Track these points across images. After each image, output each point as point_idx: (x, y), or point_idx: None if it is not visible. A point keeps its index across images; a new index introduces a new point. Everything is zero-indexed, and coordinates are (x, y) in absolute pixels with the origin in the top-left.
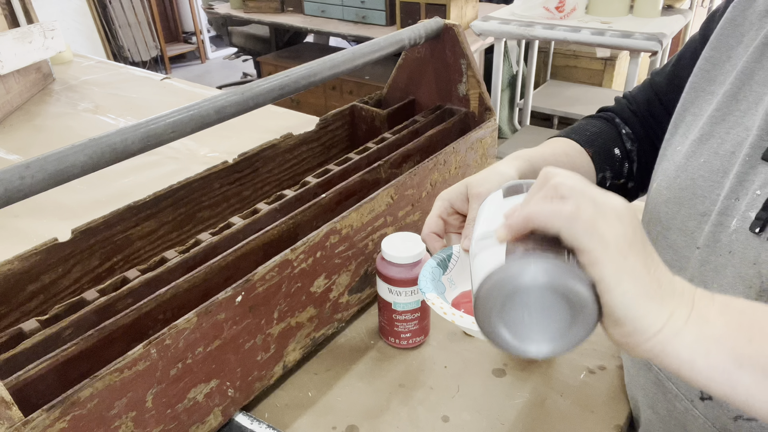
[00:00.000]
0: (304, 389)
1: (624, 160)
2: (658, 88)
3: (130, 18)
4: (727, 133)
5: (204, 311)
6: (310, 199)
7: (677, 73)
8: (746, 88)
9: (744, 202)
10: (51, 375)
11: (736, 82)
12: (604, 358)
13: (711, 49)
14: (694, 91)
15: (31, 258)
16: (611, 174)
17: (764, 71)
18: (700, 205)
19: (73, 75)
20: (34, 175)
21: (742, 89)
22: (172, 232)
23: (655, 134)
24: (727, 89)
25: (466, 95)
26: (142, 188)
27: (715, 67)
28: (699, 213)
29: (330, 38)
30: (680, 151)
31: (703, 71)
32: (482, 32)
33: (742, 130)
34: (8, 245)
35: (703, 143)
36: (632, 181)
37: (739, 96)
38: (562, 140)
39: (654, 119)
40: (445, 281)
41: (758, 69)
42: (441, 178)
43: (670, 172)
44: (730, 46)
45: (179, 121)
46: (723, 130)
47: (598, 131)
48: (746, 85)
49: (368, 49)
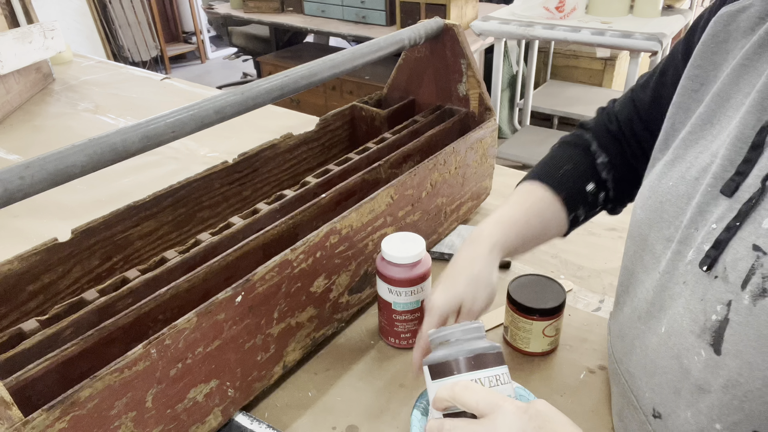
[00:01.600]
0: (303, 389)
1: (599, 191)
2: (640, 105)
3: (130, 18)
4: (696, 158)
5: (204, 311)
6: (310, 199)
7: (659, 91)
8: (720, 111)
9: (701, 233)
10: (51, 375)
11: (711, 104)
12: (604, 358)
13: (695, 67)
14: (683, 111)
15: (31, 258)
16: (584, 209)
17: (741, 95)
18: (665, 229)
19: (73, 75)
20: (34, 175)
21: (716, 112)
22: (172, 232)
23: (634, 154)
24: (701, 111)
25: (466, 95)
26: (142, 188)
27: (702, 86)
28: (665, 237)
29: (330, 38)
30: (655, 170)
31: (689, 90)
32: (482, 32)
33: (709, 156)
34: (8, 245)
35: (674, 166)
36: (610, 203)
37: (713, 119)
38: (533, 191)
39: (634, 138)
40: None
41: (735, 92)
42: (441, 178)
43: (645, 192)
44: (715, 64)
45: (179, 121)
46: (692, 155)
47: (571, 168)
48: (721, 108)
49: (368, 49)
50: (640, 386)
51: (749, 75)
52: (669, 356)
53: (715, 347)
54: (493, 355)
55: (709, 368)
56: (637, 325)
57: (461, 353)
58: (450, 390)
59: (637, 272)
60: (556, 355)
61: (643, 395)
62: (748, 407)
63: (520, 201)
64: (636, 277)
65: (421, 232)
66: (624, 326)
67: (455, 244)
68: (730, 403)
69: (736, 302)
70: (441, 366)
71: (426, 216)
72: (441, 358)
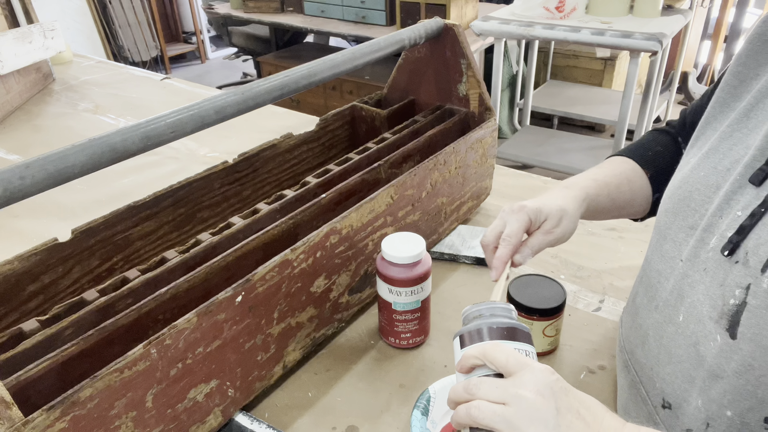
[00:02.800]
0: (304, 389)
1: None
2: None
3: (130, 18)
4: (730, 149)
5: (204, 311)
6: (310, 199)
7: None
8: (759, 105)
9: (726, 221)
10: (51, 375)
11: (751, 100)
12: (604, 358)
13: (738, 65)
14: (719, 105)
15: (31, 258)
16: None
17: None
18: (690, 218)
19: (73, 75)
20: (34, 175)
21: (756, 106)
22: (172, 232)
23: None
24: (743, 105)
25: (466, 95)
26: (142, 188)
27: (742, 83)
28: (688, 226)
29: (330, 38)
30: (690, 162)
31: (730, 86)
32: (482, 32)
33: (743, 148)
34: (8, 245)
35: (708, 157)
36: None
37: (750, 113)
38: (625, 161)
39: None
40: (429, 425)
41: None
42: (441, 178)
43: (675, 183)
44: (758, 63)
45: (179, 121)
46: (727, 146)
47: (661, 150)
48: (760, 103)
49: (368, 49)
50: (651, 377)
51: None
52: (686, 344)
53: (730, 332)
54: (524, 333)
55: (723, 353)
56: (654, 315)
57: (494, 324)
58: (480, 347)
59: (655, 262)
60: (556, 355)
61: (654, 386)
62: (762, 393)
63: (612, 167)
64: (654, 267)
65: (421, 232)
66: (638, 317)
67: (455, 244)
68: (743, 388)
69: (755, 286)
70: (472, 333)
71: (426, 216)
72: (473, 327)
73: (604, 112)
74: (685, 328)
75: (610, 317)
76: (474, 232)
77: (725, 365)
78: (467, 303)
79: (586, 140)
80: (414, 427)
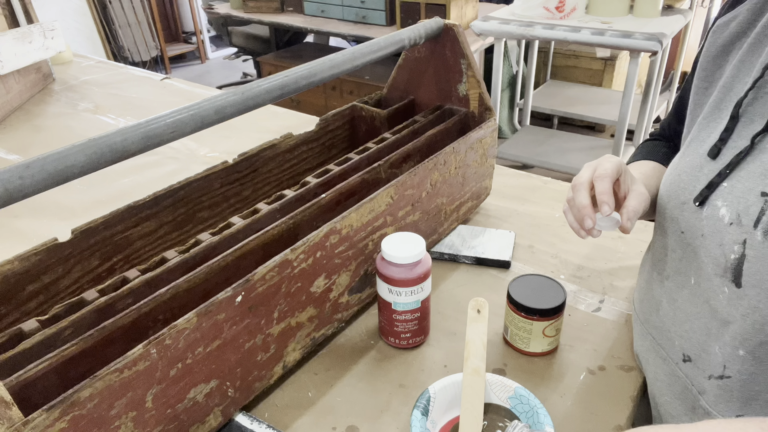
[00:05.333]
0: (304, 389)
1: None
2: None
3: (130, 18)
4: (708, 135)
5: (204, 311)
6: (310, 199)
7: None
8: (726, 99)
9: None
10: (51, 375)
11: (718, 95)
12: (604, 359)
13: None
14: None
15: (31, 258)
16: None
17: (741, 84)
18: (682, 195)
19: (73, 75)
20: (34, 175)
21: (723, 100)
22: (172, 232)
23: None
24: (711, 101)
25: (466, 95)
26: (142, 188)
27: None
28: (681, 201)
29: (330, 38)
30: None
31: (701, 89)
32: (482, 32)
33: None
34: (8, 245)
35: (690, 146)
36: None
37: (721, 105)
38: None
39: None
40: (429, 425)
41: (736, 83)
42: (441, 178)
43: (669, 170)
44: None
45: (179, 121)
46: (705, 134)
47: (668, 151)
48: (726, 96)
49: (368, 49)
50: (669, 337)
51: (746, 69)
52: (700, 302)
53: (736, 282)
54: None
55: (731, 302)
56: (666, 284)
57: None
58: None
59: (660, 239)
60: (556, 355)
61: (673, 345)
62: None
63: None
64: (659, 244)
65: (421, 232)
66: (651, 290)
67: (455, 244)
68: (752, 327)
69: (751, 239)
70: None
71: (426, 216)
72: None
73: (604, 112)
74: (696, 288)
75: (610, 317)
76: (474, 232)
77: (734, 312)
78: (467, 303)
79: (586, 140)
80: (414, 427)
